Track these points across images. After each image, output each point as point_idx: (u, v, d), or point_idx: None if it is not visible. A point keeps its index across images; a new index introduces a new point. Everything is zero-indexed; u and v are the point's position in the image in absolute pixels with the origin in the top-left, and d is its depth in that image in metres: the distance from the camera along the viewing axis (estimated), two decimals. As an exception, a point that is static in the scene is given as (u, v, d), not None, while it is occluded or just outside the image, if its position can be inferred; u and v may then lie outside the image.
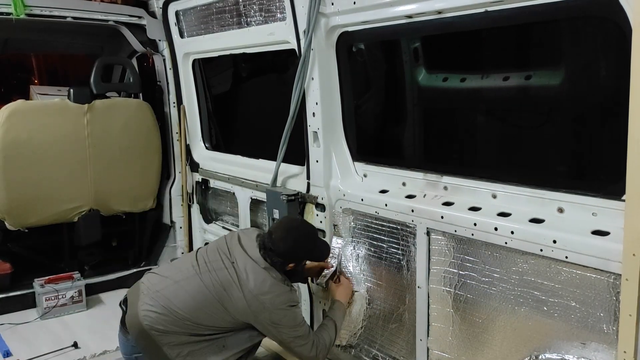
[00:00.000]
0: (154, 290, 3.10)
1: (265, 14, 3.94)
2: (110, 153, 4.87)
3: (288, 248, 3.10)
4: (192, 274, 3.12)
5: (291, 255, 3.13)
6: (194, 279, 3.09)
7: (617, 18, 2.16)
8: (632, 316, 2.16)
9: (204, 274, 3.09)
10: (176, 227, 5.46)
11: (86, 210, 4.85)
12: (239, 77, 5.35)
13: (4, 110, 4.45)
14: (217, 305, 3.02)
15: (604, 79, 2.86)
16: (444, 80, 3.62)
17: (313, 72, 3.52)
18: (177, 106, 5.22)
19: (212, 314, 3.03)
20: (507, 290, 2.69)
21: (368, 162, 3.57)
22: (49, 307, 4.61)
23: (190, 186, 5.30)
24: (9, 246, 4.81)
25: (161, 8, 4.94)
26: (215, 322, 3.05)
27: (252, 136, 5.25)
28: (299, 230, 3.23)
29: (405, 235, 3.19)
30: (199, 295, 3.04)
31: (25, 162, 4.49)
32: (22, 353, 3.97)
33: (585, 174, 3.09)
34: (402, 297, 3.28)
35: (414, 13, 2.93)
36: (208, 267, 3.12)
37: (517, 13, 2.55)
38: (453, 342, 3.00)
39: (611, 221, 2.34)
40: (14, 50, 6.26)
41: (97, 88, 4.82)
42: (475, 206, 2.86)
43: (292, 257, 3.15)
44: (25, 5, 4.51)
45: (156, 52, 5.23)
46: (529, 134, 3.31)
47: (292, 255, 3.15)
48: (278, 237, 3.09)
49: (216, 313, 3.03)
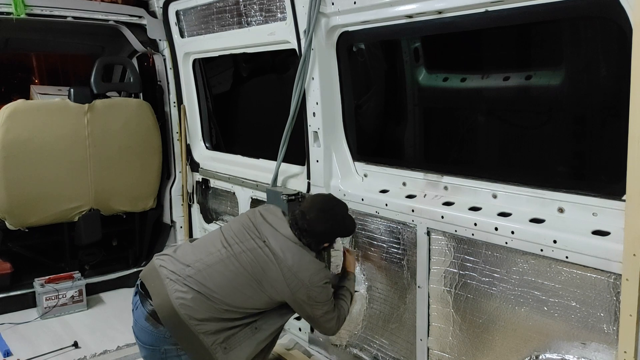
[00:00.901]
0: (185, 275, 2.90)
1: (266, 13, 3.94)
2: (111, 153, 4.87)
3: (325, 230, 3.05)
4: (225, 255, 2.98)
5: (328, 236, 3.11)
6: (228, 261, 2.96)
7: (617, 18, 2.16)
8: (632, 316, 2.16)
9: (239, 255, 2.96)
10: (176, 227, 5.46)
11: (86, 209, 4.85)
12: (239, 77, 5.35)
13: (5, 109, 4.45)
14: (255, 286, 2.93)
15: (604, 79, 2.86)
16: (444, 80, 3.62)
17: (313, 72, 3.52)
18: (178, 106, 5.22)
19: (249, 296, 2.93)
20: (508, 290, 2.69)
21: (368, 162, 3.58)
22: (49, 307, 4.61)
23: (190, 186, 5.31)
24: (10, 246, 4.80)
25: (161, 8, 4.95)
26: (251, 304, 2.95)
27: (252, 136, 5.26)
28: (334, 211, 3.15)
29: (405, 235, 3.19)
30: (237, 277, 2.93)
31: (26, 161, 4.49)
32: (22, 353, 3.97)
33: (586, 174, 3.09)
34: (403, 297, 3.28)
35: (414, 13, 2.93)
36: (242, 248, 2.99)
37: (517, 13, 2.55)
38: (453, 342, 3.00)
39: (611, 221, 2.34)
40: (14, 49, 6.25)
41: (98, 88, 4.82)
42: (476, 206, 2.86)
43: (328, 238, 3.13)
44: (26, 5, 4.51)
45: (156, 51, 5.23)
46: (529, 134, 3.31)
47: (329, 237, 3.13)
48: (314, 219, 3.01)
49: (253, 294, 2.94)
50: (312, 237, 3.01)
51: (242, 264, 2.94)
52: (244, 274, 2.93)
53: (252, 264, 2.94)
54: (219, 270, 2.93)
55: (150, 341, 2.91)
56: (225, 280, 2.91)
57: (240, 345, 2.93)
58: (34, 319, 4.56)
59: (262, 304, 2.98)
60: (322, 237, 3.06)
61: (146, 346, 2.95)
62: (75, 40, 5.78)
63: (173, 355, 2.88)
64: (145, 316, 2.88)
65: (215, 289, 2.88)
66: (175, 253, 3.07)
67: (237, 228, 3.11)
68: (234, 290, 2.90)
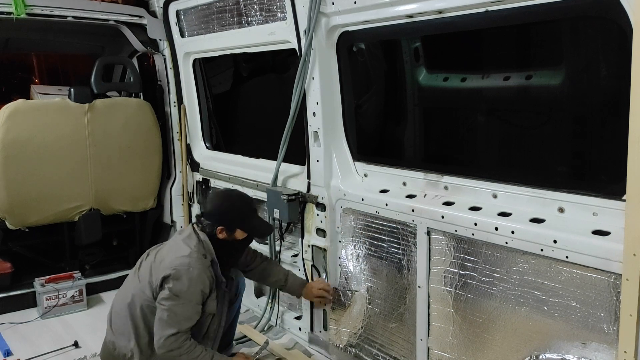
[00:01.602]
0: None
1: (266, 13, 3.94)
2: (111, 152, 4.87)
3: (215, 206, 3.15)
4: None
5: (219, 216, 3.12)
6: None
7: (617, 18, 2.16)
8: (632, 316, 2.16)
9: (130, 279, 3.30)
10: (177, 227, 5.45)
11: (87, 209, 4.85)
12: (239, 77, 5.35)
13: (5, 109, 4.45)
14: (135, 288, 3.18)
15: (605, 79, 2.86)
16: (445, 80, 3.63)
17: (314, 71, 3.52)
18: (178, 106, 5.22)
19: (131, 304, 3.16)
20: (508, 290, 2.69)
21: (368, 162, 3.58)
22: (49, 307, 4.61)
23: (190, 186, 5.31)
24: (10, 245, 4.80)
25: (162, 7, 4.94)
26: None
27: (252, 136, 5.26)
28: (232, 196, 3.27)
29: (405, 235, 3.19)
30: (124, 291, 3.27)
31: (26, 161, 4.49)
32: (22, 352, 3.97)
33: (586, 174, 3.09)
34: (403, 296, 3.28)
35: (415, 13, 2.93)
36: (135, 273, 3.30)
37: (517, 13, 2.55)
38: (453, 342, 3.00)
39: (612, 221, 2.34)
40: (14, 49, 6.26)
41: (98, 87, 4.82)
42: (476, 206, 2.86)
43: (220, 219, 3.11)
44: (26, 4, 4.50)
45: (157, 51, 5.23)
46: (529, 134, 3.31)
47: (221, 217, 3.12)
48: (209, 199, 3.17)
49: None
50: (206, 218, 3.11)
51: (129, 279, 3.34)
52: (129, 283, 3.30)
53: (136, 275, 3.25)
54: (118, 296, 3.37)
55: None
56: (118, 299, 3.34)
57: None
58: (34, 318, 4.56)
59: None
60: (214, 216, 3.12)
61: None
62: (76, 40, 5.79)
63: None
64: None
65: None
66: None
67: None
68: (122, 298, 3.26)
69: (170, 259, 3.08)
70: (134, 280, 3.24)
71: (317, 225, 3.73)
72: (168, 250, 3.19)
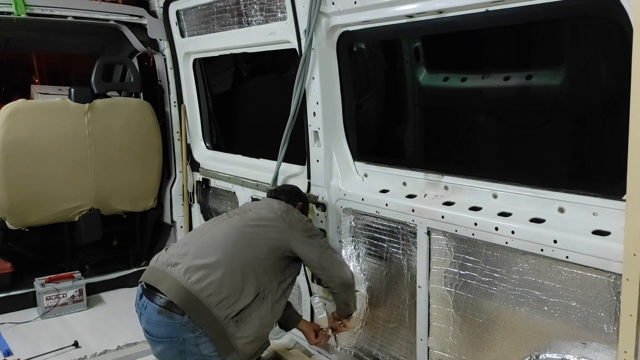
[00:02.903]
0: (183, 255, 2.97)
1: (266, 13, 3.94)
2: (111, 152, 4.87)
3: (290, 189, 3.63)
4: (218, 223, 3.23)
5: (295, 194, 3.56)
6: (224, 224, 3.19)
7: (617, 18, 2.16)
8: (632, 316, 2.16)
9: (232, 217, 3.25)
10: (177, 227, 5.46)
11: (87, 209, 4.85)
12: (239, 77, 5.35)
13: (5, 109, 4.45)
14: (253, 231, 3.12)
15: (605, 79, 2.86)
16: (445, 80, 3.62)
17: (314, 71, 3.52)
18: (178, 105, 5.22)
19: (248, 244, 3.05)
20: (508, 290, 2.69)
21: (369, 162, 3.58)
22: (49, 307, 4.61)
23: (190, 185, 5.31)
24: (10, 245, 4.80)
25: (162, 7, 4.95)
26: (252, 256, 3.00)
27: (252, 136, 5.25)
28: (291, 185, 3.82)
29: (405, 234, 3.19)
30: (235, 231, 3.12)
31: (26, 161, 4.49)
32: (22, 352, 3.97)
33: (586, 174, 3.09)
34: (403, 296, 3.28)
35: (415, 13, 2.93)
36: (232, 215, 3.29)
37: (517, 13, 2.55)
38: (453, 342, 3.00)
39: (612, 221, 2.34)
40: (14, 49, 6.25)
41: (98, 87, 4.82)
42: (476, 206, 2.86)
43: (296, 197, 3.55)
44: (26, 4, 4.51)
45: (157, 51, 5.23)
46: (529, 134, 3.31)
47: (296, 195, 3.57)
48: (280, 187, 3.67)
49: (252, 240, 3.07)
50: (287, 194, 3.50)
51: (237, 220, 3.20)
52: (241, 227, 3.14)
53: (246, 214, 3.25)
54: (214, 234, 3.12)
55: (167, 333, 2.85)
56: (223, 236, 3.09)
57: (250, 317, 2.91)
58: (34, 318, 4.56)
59: (264, 253, 3.04)
60: (291, 194, 3.54)
61: (163, 339, 2.88)
62: (76, 40, 5.78)
63: (191, 345, 2.82)
64: (158, 309, 2.84)
65: (215, 250, 2.98)
66: (167, 250, 3.13)
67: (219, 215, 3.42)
68: (233, 245, 3.02)
69: (296, 216, 3.31)
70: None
71: (317, 225, 3.73)
72: (280, 207, 3.35)
